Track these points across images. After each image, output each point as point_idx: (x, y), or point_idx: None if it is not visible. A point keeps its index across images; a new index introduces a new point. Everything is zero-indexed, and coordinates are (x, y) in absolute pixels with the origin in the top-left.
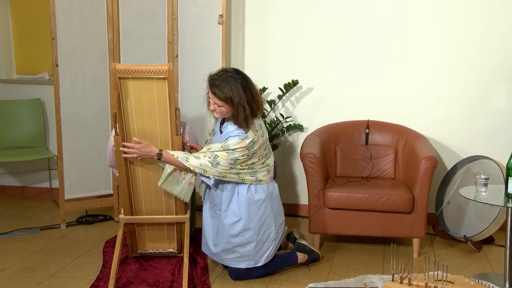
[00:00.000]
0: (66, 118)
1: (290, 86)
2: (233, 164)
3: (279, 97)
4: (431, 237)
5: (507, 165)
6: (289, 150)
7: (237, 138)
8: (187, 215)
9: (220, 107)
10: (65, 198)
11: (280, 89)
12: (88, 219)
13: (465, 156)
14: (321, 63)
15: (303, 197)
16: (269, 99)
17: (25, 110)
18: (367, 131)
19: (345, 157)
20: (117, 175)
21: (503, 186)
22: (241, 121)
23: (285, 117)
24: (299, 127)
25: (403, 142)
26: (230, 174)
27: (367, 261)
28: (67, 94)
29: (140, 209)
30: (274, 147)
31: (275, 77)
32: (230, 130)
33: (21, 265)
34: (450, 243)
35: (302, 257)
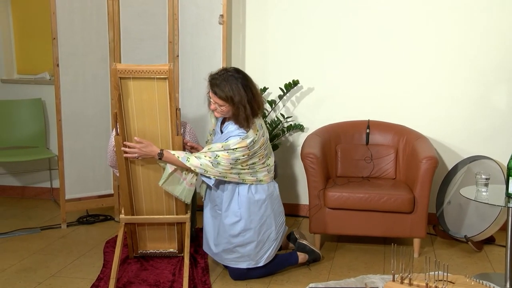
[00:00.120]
0: (66, 118)
1: (290, 86)
2: (234, 164)
3: (280, 97)
4: (431, 237)
5: (507, 165)
6: (290, 150)
7: (238, 137)
8: (188, 215)
9: (220, 106)
10: (66, 198)
11: (280, 89)
12: (88, 219)
13: (465, 156)
14: (322, 63)
15: (303, 197)
16: (269, 99)
17: (25, 110)
18: (367, 131)
19: (345, 157)
20: (118, 175)
21: (504, 186)
22: (241, 120)
23: (285, 117)
24: (300, 127)
25: (404, 142)
26: (230, 174)
27: (367, 261)
28: (67, 94)
29: (140, 209)
30: (274, 147)
31: (276, 77)
32: (230, 129)
33: (22, 265)
34: (450, 243)
35: (302, 257)
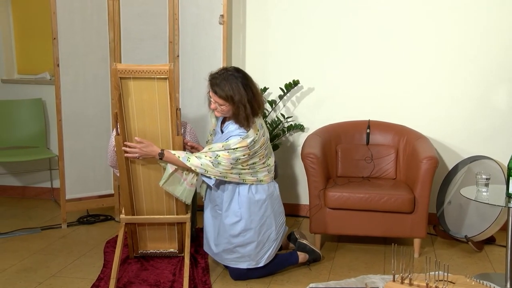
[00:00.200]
0: (67, 118)
1: (291, 86)
2: (235, 164)
3: (280, 97)
4: (432, 237)
5: (508, 165)
6: (290, 150)
7: (238, 137)
8: (188, 215)
9: (221, 105)
10: (66, 198)
11: (281, 89)
12: (89, 219)
13: (466, 156)
14: (322, 63)
15: (304, 197)
16: (270, 99)
17: (26, 110)
18: (368, 131)
19: (346, 157)
20: (118, 175)
21: (504, 186)
22: (242, 119)
23: (286, 117)
24: (300, 127)
25: (404, 142)
26: (231, 174)
27: (368, 261)
28: (68, 94)
29: (141, 209)
30: (275, 147)
31: (276, 77)
32: (231, 129)
33: (22, 265)
34: (451, 243)
35: (303, 257)
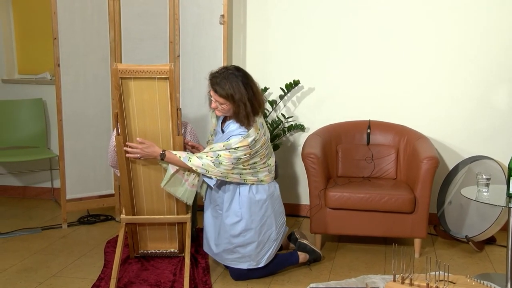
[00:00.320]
0: (67, 118)
1: (291, 86)
2: (236, 163)
3: (281, 97)
4: (432, 237)
5: (508, 165)
6: (291, 150)
7: (239, 136)
8: (189, 215)
9: (221, 104)
10: (67, 198)
11: (281, 89)
12: (89, 219)
13: (466, 156)
14: (322, 63)
15: (304, 197)
16: (270, 99)
17: (26, 110)
18: (368, 131)
19: (346, 157)
20: (119, 175)
21: (505, 186)
22: (242, 118)
23: (286, 117)
24: (301, 127)
25: (405, 142)
26: (232, 174)
27: (368, 261)
28: (68, 94)
29: (141, 209)
30: (275, 147)
31: (277, 77)
32: (232, 129)
33: (23, 265)
34: (451, 243)
35: (303, 257)
